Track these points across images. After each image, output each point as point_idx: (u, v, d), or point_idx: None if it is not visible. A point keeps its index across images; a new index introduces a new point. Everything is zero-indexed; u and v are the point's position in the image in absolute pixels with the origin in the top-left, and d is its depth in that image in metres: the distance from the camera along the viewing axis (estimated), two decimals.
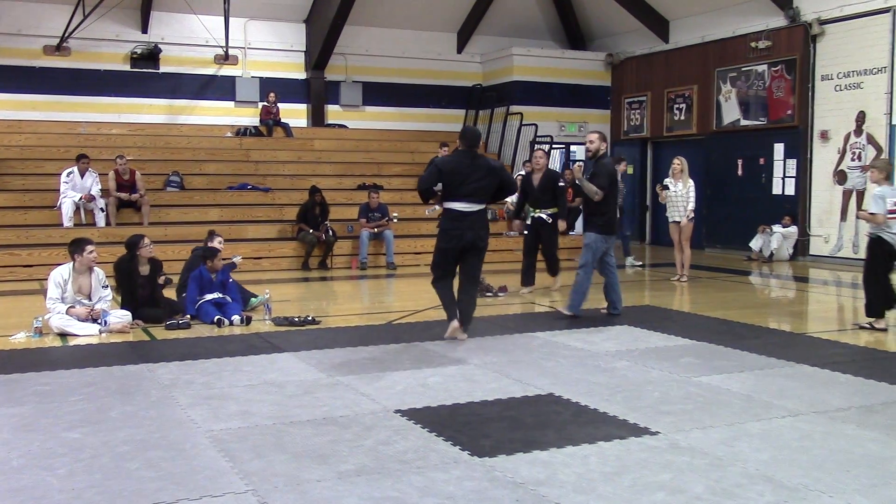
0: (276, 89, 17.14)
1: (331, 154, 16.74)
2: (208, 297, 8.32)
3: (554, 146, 18.07)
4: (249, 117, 17.24)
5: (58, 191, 12.84)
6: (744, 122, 15.89)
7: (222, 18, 16.43)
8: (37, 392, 5.54)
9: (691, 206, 11.45)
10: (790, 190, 15.00)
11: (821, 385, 5.75)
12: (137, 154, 14.83)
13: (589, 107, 18.92)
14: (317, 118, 17.90)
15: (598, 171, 8.38)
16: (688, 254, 11.62)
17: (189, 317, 8.18)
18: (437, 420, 4.89)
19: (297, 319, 8.19)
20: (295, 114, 17.58)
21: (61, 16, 15.49)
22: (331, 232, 13.13)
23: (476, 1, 18.49)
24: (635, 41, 18.40)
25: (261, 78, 17.50)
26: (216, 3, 16.29)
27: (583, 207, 8.83)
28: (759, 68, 15.46)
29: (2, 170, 13.85)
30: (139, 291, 8.18)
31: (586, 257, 8.40)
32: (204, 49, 17.06)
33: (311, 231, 13.03)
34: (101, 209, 12.91)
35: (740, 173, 15.93)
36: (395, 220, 13.85)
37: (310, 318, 8.23)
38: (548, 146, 16.61)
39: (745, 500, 3.71)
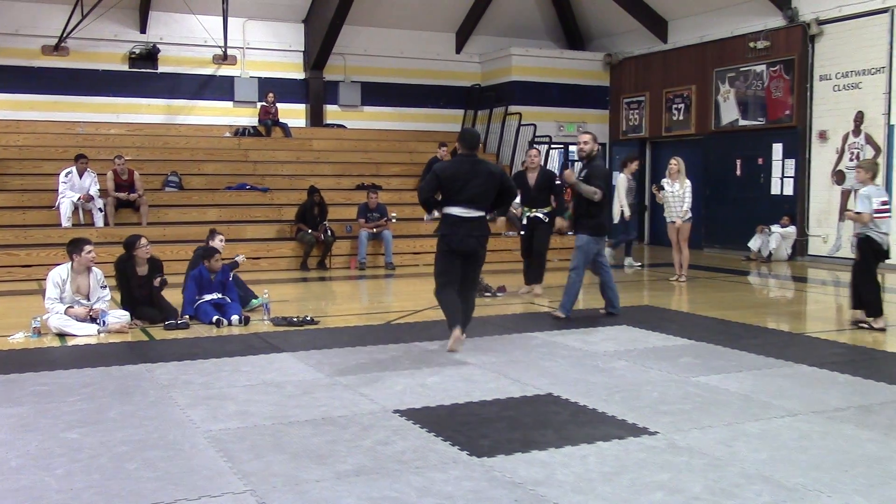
0: (274, 89, 17.13)
1: (329, 154, 16.74)
2: (207, 297, 8.31)
3: (553, 146, 18.08)
4: (248, 117, 17.24)
5: (56, 191, 12.83)
6: (742, 123, 15.90)
7: (221, 18, 16.44)
8: (35, 392, 5.54)
9: (686, 207, 11.45)
10: (789, 190, 15.01)
11: (819, 385, 5.76)
12: (136, 154, 14.83)
13: (587, 107, 18.93)
14: (315, 118, 17.90)
15: (593, 173, 8.31)
16: (686, 254, 11.62)
17: (187, 317, 8.17)
18: (436, 420, 4.89)
19: (295, 319, 8.19)
20: (293, 114, 17.58)
21: (60, 16, 15.49)
22: (329, 232, 13.13)
23: (475, 1, 18.49)
24: (634, 41, 18.40)
25: (259, 78, 17.50)
26: (214, 3, 16.29)
27: (574, 209, 8.74)
28: (758, 68, 15.47)
29: (0, 170, 13.84)
30: (138, 291, 8.18)
31: (578, 259, 8.36)
32: (202, 49, 17.05)
33: (309, 231, 13.03)
34: (100, 209, 12.91)
35: (739, 173, 15.94)
36: (393, 221, 13.85)
37: (308, 319, 8.22)
38: (546, 146, 16.62)
39: (743, 499, 3.72)
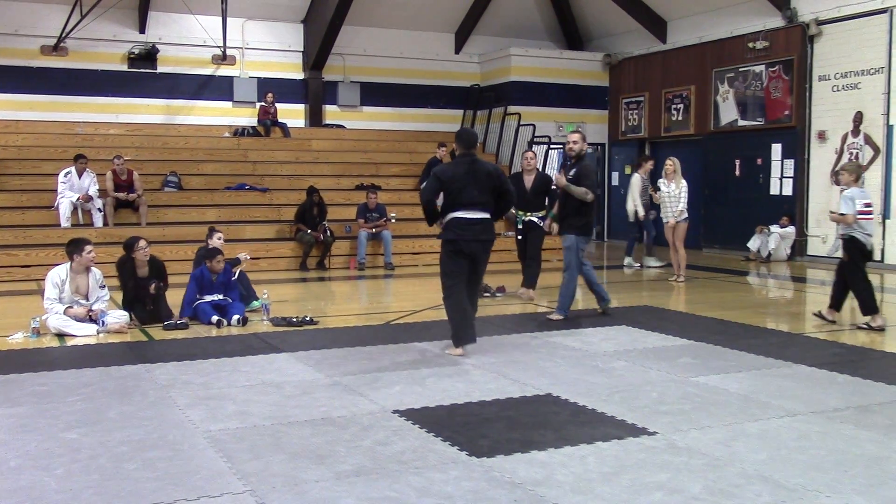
0: (273, 89, 17.13)
1: (329, 154, 16.74)
2: (208, 298, 8.29)
3: (552, 146, 18.08)
4: (247, 117, 17.24)
5: (55, 191, 12.83)
6: (741, 123, 15.91)
7: (220, 19, 16.45)
8: (34, 392, 5.54)
9: (682, 207, 11.45)
10: (788, 190, 15.01)
11: (818, 385, 5.76)
12: (135, 154, 14.82)
13: (587, 107, 18.94)
14: (315, 118, 17.90)
15: (583, 174, 8.27)
16: (682, 254, 11.62)
17: (186, 318, 8.14)
18: (435, 420, 4.89)
19: (295, 320, 8.19)
20: (293, 114, 17.57)
21: (59, 16, 15.49)
22: (329, 232, 13.13)
23: (474, 1, 18.50)
24: (633, 41, 18.41)
25: (258, 78, 17.50)
26: (214, 3, 16.30)
27: (560, 209, 8.65)
28: (757, 69, 15.47)
29: None
30: (137, 293, 8.16)
31: (569, 259, 8.34)
32: (201, 49, 17.05)
33: (308, 231, 13.03)
34: (99, 209, 12.90)
35: (738, 173, 15.95)
36: (393, 221, 13.84)
37: (308, 319, 8.22)
38: (545, 146, 16.63)
39: (742, 500, 3.72)
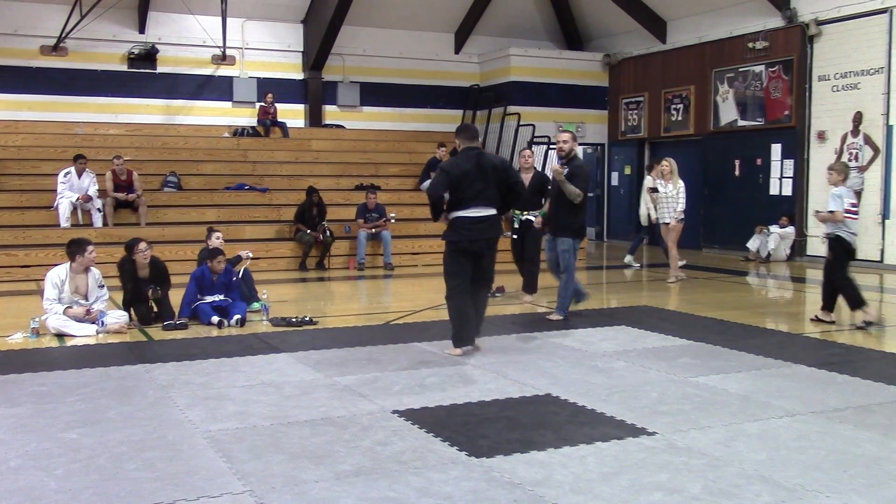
0: (273, 90, 17.13)
1: (328, 154, 16.74)
2: (209, 298, 8.27)
3: (551, 146, 18.06)
4: (247, 118, 17.24)
5: (55, 191, 12.82)
6: (741, 123, 15.91)
7: (219, 19, 16.45)
8: (34, 393, 5.54)
9: (681, 207, 11.46)
10: (787, 190, 15.02)
11: (818, 385, 5.76)
12: (134, 154, 14.82)
13: (586, 107, 18.94)
14: (314, 118, 17.90)
15: (576, 173, 8.17)
16: (674, 254, 11.62)
17: (185, 318, 8.12)
18: (435, 420, 4.89)
19: (294, 320, 8.18)
20: (292, 114, 17.58)
21: (58, 16, 15.49)
22: (328, 232, 13.12)
23: (473, 1, 18.51)
24: (633, 41, 18.41)
25: (258, 78, 17.50)
26: (213, 3, 16.30)
27: (554, 211, 8.48)
28: (757, 69, 15.48)
29: None
30: (138, 294, 8.14)
31: (567, 261, 8.29)
32: (201, 49, 17.06)
33: (308, 231, 13.02)
34: (99, 209, 12.90)
35: (737, 174, 15.95)
36: (392, 221, 13.84)
37: (307, 319, 8.22)
38: (545, 146, 16.63)
39: (742, 500, 3.72)
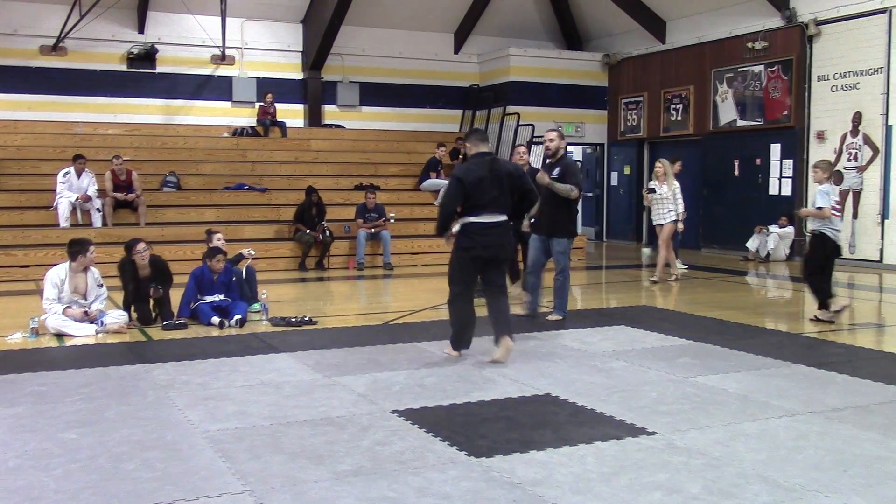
0: (272, 89, 17.13)
1: (328, 154, 16.74)
2: (209, 299, 8.25)
3: None
4: (246, 118, 17.24)
5: (54, 191, 12.82)
6: (740, 123, 15.91)
7: (219, 18, 16.45)
8: (33, 393, 5.54)
9: (681, 209, 11.48)
10: (787, 190, 15.02)
11: (817, 385, 5.76)
12: (134, 154, 14.82)
13: (586, 107, 18.94)
14: (314, 118, 17.90)
15: (568, 171, 8.09)
16: (663, 255, 11.61)
17: (185, 318, 8.12)
18: (434, 420, 4.89)
19: (294, 320, 8.18)
20: (292, 114, 17.58)
21: (58, 16, 15.48)
22: (328, 232, 13.12)
23: (473, 1, 18.51)
24: (632, 41, 18.42)
25: (257, 78, 17.50)
26: (213, 3, 16.30)
27: (545, 212, 8.12)
28: (756, 69, 15.48)
29: None
30: (139, 294, 8.13)
31: (564, 262, 8.27)
32: (200, 49, 17.05)
33: (307, 231, 13.02)
34: (98, 209, 12.89)
35: (737, 174, 15.96)
36: (392, 221, 13.85)
37: (307, 319, 8.22)
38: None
39: (741, 500, 3.72)
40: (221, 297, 8.32)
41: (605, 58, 19.01)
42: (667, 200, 11.47)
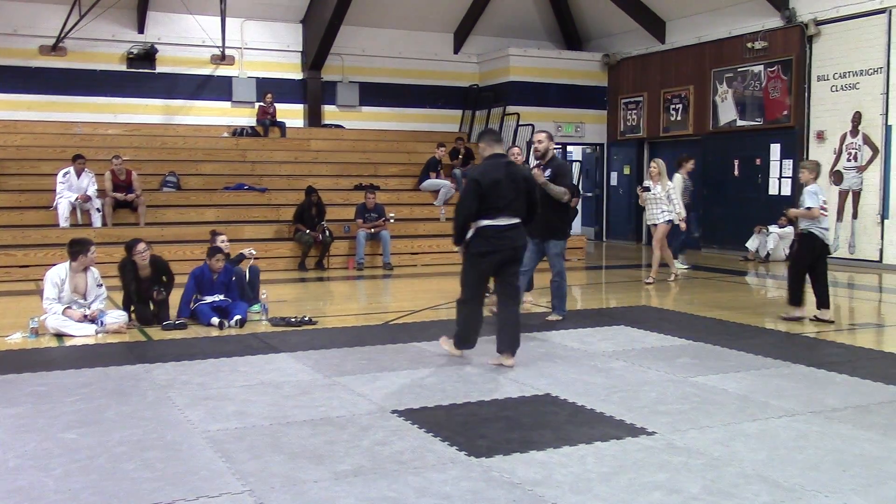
0: (272, 89, 17.13)
1: (327, 154, 16.74)
2: (209, 299, 8.24)
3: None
4: (246, 118, 17.24)
5: (54, 191, 12.82)
6: (740, 123, 15.92)
7: (219, 19, 16.45)
8: (33, 393, 5.54)
9: (678, 209, 11.47)
10: (786, 190, 15.01)
11: (817, 385, 5.77)
12: (134, 154, 14.81)
13: (585, 107, 18.95)
14: (313, 118, 17.90)
15: (560, 172, 8.04)
16: (657, 255, 11.60)
17: (184, 319, 8.11)
18: (434, 420, 4.89)
19: (293, 320, 8.18)
20: (291, 114, 17.58)
21: (57, 16, 15.47)
22: (327, 232, 13.12)
23: (472, 1, 18.51)
24: (632, 42, 18.42)
25: (257, 78, 17.50)
26: (212, 3, 16.29)
27: (539, 214, 7.97)
28: (756, 69, 15.48)
29: None
30: (141, 294, 8.12)
31: (560, 264, 8.26)
32: (200, 49, 17.05)
33: (307, 231, 13.02)
34: (98, 209, 12.89)
35: (737, 174, 15.96)
36: (391, 221, 13.85)
37: (306, 319, 8.22)
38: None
39: (741, 499, 3.72)
40: (221, 297, 8.31)
41: (604, 58, 19.01)
42: (660, 200, 11.45)
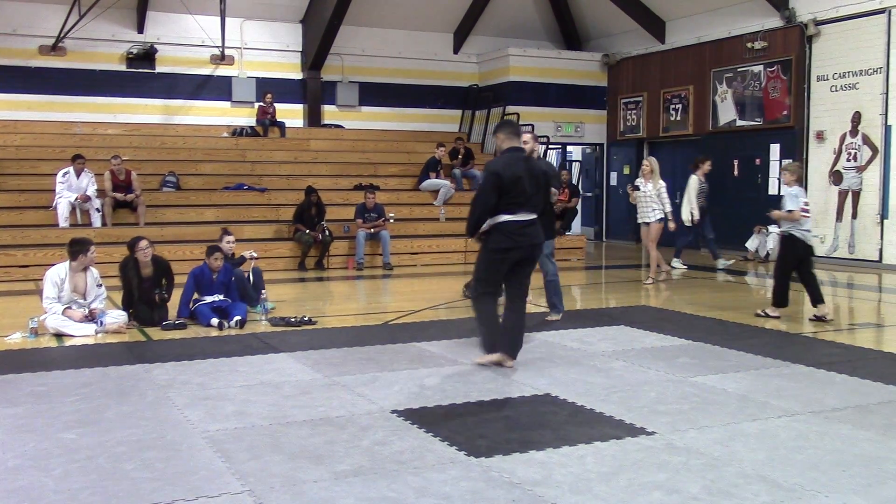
0: (272, 89, 17.13)
1: (327, 154, 16.74)
2: (209, 299, 8.23)
3: (550, 146, 18.09)
4: (246, 117, 17.24)
5: (53, 191, 12.81)
6: (740, 123, 15.92)
7: (218, 18, 16.45)
8: (33, 393, 5.54)
9: (668, 209, 11.42)
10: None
11: (816, 385, 5.77)
12: (133, 154, 14.81)
13: (585, 107, 18.95)
14: (313, 118, 17.90)
15: (551, 172, 7.98)
16: (654, 255, 11.59)
17: (184, 319, 8.10)
18: (434, 420, 4.89)
19: (293, 320, 8.18)
20: (291, 114, 17.58)
21: (57, 16, 15.47)
22: (327, 232, 13.12)
23: (472, 1, 18.50)
24: (631, 42, 18.42)
25: (257, 78, 17.50)
26: (212, 3, 16.29)
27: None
28: (755, 69, 15.48)
29: None
30: (140, 293, 8.12)
31: (553, 264, 8.24)
32: (200, 49, 17.05)
33: (307, 231, 13.02)
34: (97, 209, 12.88)
35: (736, 174, 15.96)
36: (391, 221, 13.85)
37: (306, 319, 8.22)
38: (544, 146, 16.62)
39: (740, 499, 3.72)
40: (221, 297, 8.31)
41: (604, 58, 19.01)
42: (650, 199, 11.42)
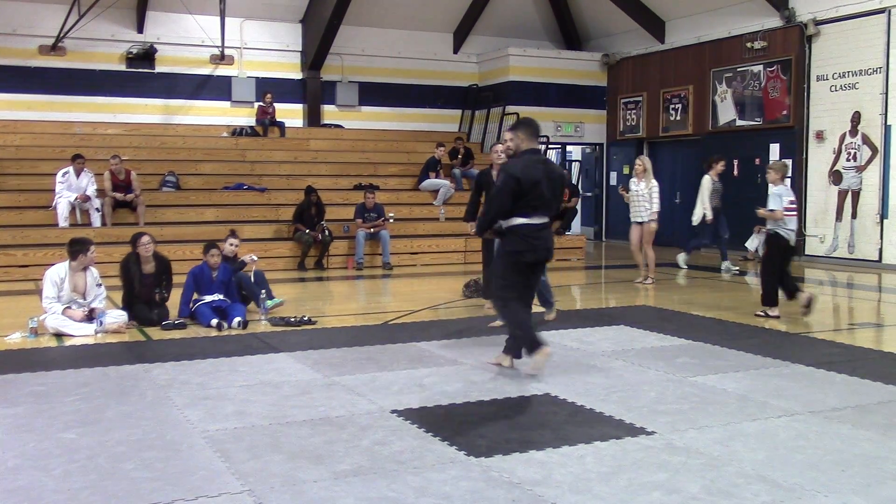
0: (272, 89, 17.14)
1: (327, 154, 16.74)
2: (208, 298, 8.22)
3: (550, 146, 18.08)
4: (245, 117, 17.25)
5: (53, 191, 12.82)
6: (739, 123, 15.92)
7: (218, 18, 16.45)
8: (32, 392, 5.53)
9: (655, 208, 11.35)
10: None
11: (816, 385, 5.77)
12: (133, 154, 14.81)
13: (585, 107, 18.96)
14: (313, 118, 17.91)
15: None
16: (651, 255, 11.57)
17: (184, 318, 8.10)
18: (434, 420, 4.89)
19: (293, 320, 8.18)
20: (291, 114, 17.59)
21: (57, 15, 15.47)
22: (327, 232, 13.12)
23: (472, 1, 18.51)
24: (631, 41, 18.42)
25: (257, 78, 17.51)
26: (212, 2, 16.29)
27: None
28: (755, 69, 15.48)
29: None
30: (141, 290, 8.11)
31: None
32: (200, 49, 17.06)
33: (307, 231, 13.02)
34: (97, 209, 12.89)
35: (736, 174, 15.94)
36: (391, 221, 13.85)
37: (306, 319, 8.22)
38: (544, 146, 16.62)
39: (740, 499, 3.72)
40: (220, 296, 8.30)
41: (604, 58, 19.02)
42: (643, 198, 11.38)
